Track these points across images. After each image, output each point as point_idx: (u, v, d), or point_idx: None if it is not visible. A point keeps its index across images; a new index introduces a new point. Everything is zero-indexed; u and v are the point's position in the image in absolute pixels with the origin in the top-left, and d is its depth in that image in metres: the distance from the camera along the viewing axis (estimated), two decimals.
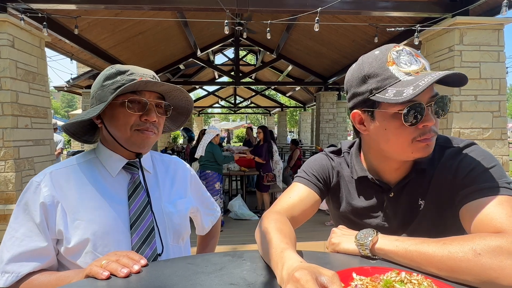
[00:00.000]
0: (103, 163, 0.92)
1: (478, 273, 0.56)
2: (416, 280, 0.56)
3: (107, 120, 0.89)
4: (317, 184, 0.90)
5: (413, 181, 0.81)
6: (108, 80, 0.89)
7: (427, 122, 0.71)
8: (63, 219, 0.83)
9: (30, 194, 0.84)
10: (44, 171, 0.88)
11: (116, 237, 0.85)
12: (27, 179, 3.93)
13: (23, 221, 0.83)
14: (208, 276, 0.64)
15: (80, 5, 3.86)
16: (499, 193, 0.67)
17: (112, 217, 0.86)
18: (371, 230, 0.72)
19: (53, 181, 0.86)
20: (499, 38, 3.80)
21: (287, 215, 0.83)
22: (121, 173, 0.93)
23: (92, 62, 6.64)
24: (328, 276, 0.50)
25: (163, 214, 0.94)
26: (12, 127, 3.69)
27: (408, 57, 0.73)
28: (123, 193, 0.90)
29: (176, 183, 1.04)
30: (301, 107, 17.63)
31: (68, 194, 0.85)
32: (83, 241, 0.82)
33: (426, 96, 0.70)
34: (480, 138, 3.80)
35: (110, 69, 0.91)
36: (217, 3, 3.78)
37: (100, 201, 0.86)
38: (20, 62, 3.83)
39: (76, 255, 0.83)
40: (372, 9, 4.01)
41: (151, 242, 0.88)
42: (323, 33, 6.02)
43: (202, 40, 8.02)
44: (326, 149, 0.99)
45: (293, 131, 34.67)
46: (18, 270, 0.79)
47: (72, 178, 0.88)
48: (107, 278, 0.65)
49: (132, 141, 0.89)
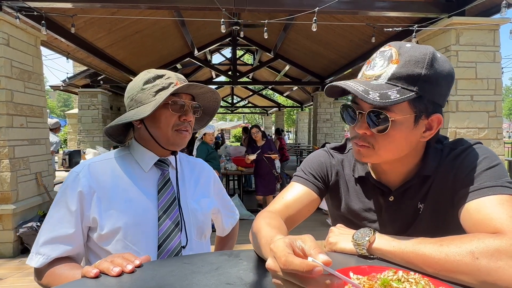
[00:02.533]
0: (136, 159, 1.00)
1: (476, 275, 0.56)
2: (413, 279, 0.56)
3: (148, 121, 0.97)
4: (314, 183, 0.89)
5: (414, 186, 0.79)
6: (147, 83, 0.96)
7: (356, 128, 0.72)
8: (98, 207, 0.90)
9: (69, 183, 0.92)
10: (83, 163, 0.97)
11: (145, 228, 0.92)
12: (23, 179, 3.90)
13: (59, 207, 0.91)
14: (205, 276, 0.64)
15: (76, 3, 3.83)
16: (500, 192, 0.65)
17: (142, 209, 0.93)
18: (368, 229, 0.72)
19: (91, 172, 0.93)
20: (495, 38, 3.83)
21: (282, 215, 0.82)
22: (152, 169, 1.00)
23: (89, 61, 6.60)
24: (301, 238, 0.49)
25: (188, 210, 1.01)
26: (7, 126, 3.66)
27: (380, 60, 0.71)
28: (153, 188, 0.98)
29: (200, 183, 1.11)
30: (298, 107, 17.65)
31: (104, 185, 0.93)
32: (115, 229, 0.89)
33: (367, 105, 0.69)
34: (476, 138, 3.82)
35: (148, 73, 0.99)
36: (214, 2, 3.77)
37: (132, 193, 0.94)
38: (15, 60, 3.79)
39: (108, 241, 0.90)
40: (369, 9, 4.03)
41: (177, 235, 0.95)
42: (321, 33, 6.02)
43: (199, 39, 8.00)
44: (328, 145, 0.96)
45: (290, 131, 34.72)
46: (48, 253, 0.87)
47: (108, 170, 0.96)
48: (96, 276, 0.66)
49: (171, 141, 0.97)
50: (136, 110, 0.96)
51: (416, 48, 0.69)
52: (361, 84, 0.67)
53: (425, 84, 0.67)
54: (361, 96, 0.64)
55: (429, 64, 0.67)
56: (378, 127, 0.69)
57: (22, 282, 3.10)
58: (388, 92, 0.66)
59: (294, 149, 14.67)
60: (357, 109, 0.72)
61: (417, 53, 0.68)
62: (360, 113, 0.71)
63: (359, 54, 6.56)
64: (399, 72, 0.67)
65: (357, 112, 0.72)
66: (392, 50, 0.70)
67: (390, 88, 0.67)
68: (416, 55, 0.67)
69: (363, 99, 0.64)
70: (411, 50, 0.68)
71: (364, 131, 0.71)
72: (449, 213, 0.75)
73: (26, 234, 3.75)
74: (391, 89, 0.66)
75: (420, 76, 0.67)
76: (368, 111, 0.69)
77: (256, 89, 17.41)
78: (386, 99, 0.64)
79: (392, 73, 0.68)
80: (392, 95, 0.65)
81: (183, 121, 0.97)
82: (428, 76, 0.67)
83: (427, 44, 4.39)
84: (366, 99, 0.64)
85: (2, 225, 3.73)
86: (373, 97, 0.64)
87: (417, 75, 0.67)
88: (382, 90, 0.66)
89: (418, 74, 0.67)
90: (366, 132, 0.71)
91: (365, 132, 0.71)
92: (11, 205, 3.69)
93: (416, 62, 0.67)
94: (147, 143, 1.00)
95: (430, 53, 0.68)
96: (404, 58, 0.68)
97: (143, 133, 0.99)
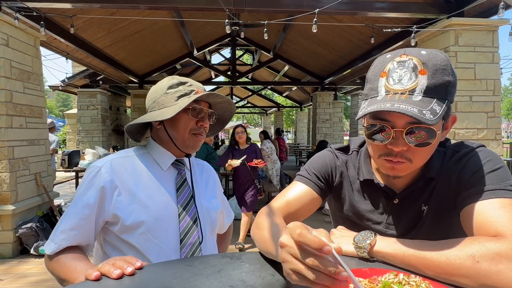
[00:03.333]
0: (155, 158, 1.05)
1: (476, 278, 0.57)
2: (414, 282, 0.57)
3: (167, 123, 1.03)
4: (317, 183, 0.89)
5: (419, 188, 0.79)
6: (171, 88, 1.03)
7: (393, 146, 0.68)
8: (120, 202, 0.94)
9: (91, 176, 0.95)
10: (105, 159, 1.00)
11: (166, 223, 0.98)
12: (22, 179, 3.90)
13: (78, 199, 0.94)
14: (207, 278, 0.64)
15: (76, 4, 3.82)
16: (503, 195, 0.65)
17: (163, 205, 0.99)
18: (370, 232, 0.72)
19: (113, 167, 0.97)
20: (494, 39, 3.84)
21: (283, 212, 0.84)
22: (169, 168, 1.06)
23: (88, 61, 6.59)
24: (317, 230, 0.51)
25: (203, 208, 1.08)
26: (7, 127, 3.65)
27: (404, 72, 0.67)
28: (171, 186, 1.04)
29: (209, 184, 1.19)
30: (297, 107, 17.66)
31: (125, 180, 0.97)
32: (139, 222, 0.94)
33: (402, 121, 0.67)
34: (475, 139, 3.83)
35: (172, 79, 1.06)
36: (214, 2, 3.77)
37: (153, 189, 0.99)
38: (15, 61, 3.79)
39: (131, 234, 0.94)
40: (369, 9, 4.03)
41: (195, 231, 1.02)
42: (320, 33, 6.03)
43: (199, 39, 8.00)
44: (332, 146, 0.96)
45: (289, 131, 34.71)
46: (60, 242, 0.90)
47: (129, 167, 1.00)
48: (96, 279, 0.68)
49: (187, 143, 1.04)
50: (159, 111, 1.02)
51: (433, 55, 0.67)
52: (408, 104, 0.63)
53: (452, 90, 0.68)
54: (422, 118, 0.61)
55: (452, 69, 0.68)
56: (420, 142, 0.67)
57: (21, 283, 3.09)
58: (433, 106, 0.64)
59: (293, 149, 14.71)
60: (390, 126, 0.68)
61: (439, 61, 0.66)
62: (396, 130, 0.67)
63: (358, 54, 6.56)
64: (432, 83, 0.65)
65: (392, 130, 0.68)
66: (414, 60, 0.67)
67: (430, 101, 0.65)
68: (438, 63, 0.66)
69: (424, 122, 0.61)
70: (431, 58, 0.67)
71: (402, 148, 0.68)
72: (452, 215, 0.76)
73: (26, 234, 3.74)
74: (432, 102, 0.65)
75: (449, 83, 0.67)
76: (409, 128, 0.66)
77: (255, 89, 17.40)
78: (436, 115, 0.63)
79: (427, 86, 0.65)
80: (437, 109, 0.64)
81: (200, 127, 1.03)
82: (454, 82, 0.68)
83: (426, 45, 4.38)
84: (426, 121, 0.61)
85: (1, 226, 3.72)
86: (429, 117, 0.62)
87: (447, 83, 0.66)
88: (427, 106, 0.64)
89: (448, 82, 0.66)
90: (403, 148, 0.68)
91: (403, 148, 0.68)
92: (11, 206, 3.68)
93: (442, 70, 0.66)
94: (164, 143, 1.06)
95: (448, 59, 0.68)
96: (430, 67, 0.66)
97: (162, 134, 1.05)
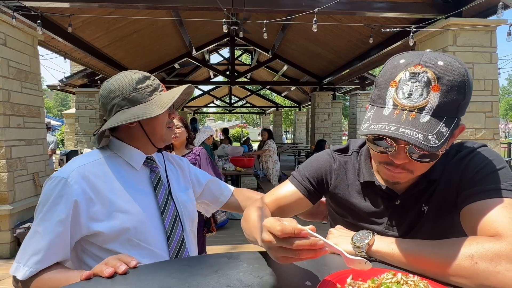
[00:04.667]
0: (125, 158, 0.99)
1: (474, 279, 0.56)
2: (412, 282, 0.56)
3: (145, 120, 0.96)
4: (306, 187, 0.90)
5: (421, 189, 0.79)
6: (140, 84, 0.98)
7: (394, 158, 0.68)
8: (98, 213, 0.87)
9: (58, 189, 0.85)
10: (67, 167, 0.90)
11: (152, 224, 0.95)
12: (20, 179, 3.88)
13: (47, 216, 0.85)
14: (205, 278, 0.64)
15: (74, 3, 3.81)
16: (504, 195, 0.65)
17: (143, 206, 0.95)
18: (368, 232, 0.72)
19: (83, 176, 0.88)
20: (492, 39, 3.85)
21: (271, 207, 0.90)
22: (141, 167, 1.02)
23: (86, 61, 6.57)
24: (287, 220, 0.56)
25: (179, 203, 1.06)
26: (4, 127, 3.63)
27: (415, 86, 0.64)
28: (147, 185, 1.01)
29: (181, 176, 1.17)
30: (296, 107, 17.66)
31: (99, 188, 0.89)
32: (123, 229, 0.89)
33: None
34: (473, 139, 3.84)
35: (136, 74, 0.99)
36: (213, 2, 3.77)
37: (130, 192, 0.95)
38: (12, 60, 3.77)
39: (115, 242, 0.89)
40: (367, 9, 4.04)
41: (178, 226, 1.01)
42: (319, 33, 6.02)
43: (197, 39, 7.98)
44: (332, 147, 0.96)
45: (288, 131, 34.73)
46: (35, 266, 0.83)
47: (99, 173, 0.92)
48: (87, 278, 0.68)
49: (164, 137, 1.03)
50: (137, 108, 0.94)
51: (451, 67, 0.63)
52: (413, 129, 0.61)
53: (464, 106, 0.66)
54: (426, 147, 0.60)
55: (469, 85, 0.64)
56: (423, 158, 0.67)
57: None
58: (440, 129, 0.62)
59: (292, 149, 14.72)
60: (393, 140, 0.67)
61: (455, 75, 0.63)
62: (399, 146, 0.67)
63: (357, 54, 6.57)
64: (444, 102, 0.63)
65: (395, 145, 0.67)
66: (428, 73, 0.63)
67: (438, 122, 0.63)
68: (455, 78, 0.63)
69: (428, 150, 0.60)
70: (448, 73, 0.63)
71: (403, 161, 0.68)
72: (452, 215, 0.75)
73: (23, 234, 3.73)
74: (440, 124, 0.63)
75: (462, 101, 0.64)
76: (411, 146, 0.65)
77: (254, 89, 17.38)
78: (442, 138, 0.62)
79: (438, 105, 0.62)
80: (444, 130, 0.62)
81: (172, 119, 1.06)
82: (467, 100, 0.65)
83: (424, 44, 4.38)
84: (430, 149, 0.60)
85: None
86: (434, 143, 0.61)
87: (459, 101, 0.64)
88: (434, 128, 0.62)
89: (461, 100, 0.64)
90: (405, 161, 0.68)
91: (404, 161, 0.68)
92: (8, 206, 3.67)
93: (458, 88, 0.63)
94: (136, 142, 1.00)
95: (466, 72, 0.64)
96: (445, 83, 0.63)
97: (136, 132, 0.99)
